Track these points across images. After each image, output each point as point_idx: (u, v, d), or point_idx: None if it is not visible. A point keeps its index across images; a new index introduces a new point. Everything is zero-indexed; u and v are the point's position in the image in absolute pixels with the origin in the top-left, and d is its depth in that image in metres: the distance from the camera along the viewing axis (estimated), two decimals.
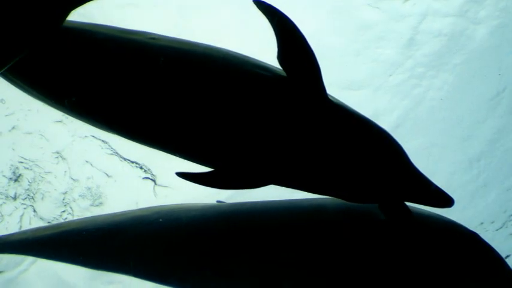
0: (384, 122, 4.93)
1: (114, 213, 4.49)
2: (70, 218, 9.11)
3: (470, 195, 10.63)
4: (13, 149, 8.82)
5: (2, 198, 8.93)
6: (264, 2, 3.24)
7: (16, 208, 9.02)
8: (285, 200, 4.16)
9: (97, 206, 9.24)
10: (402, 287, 3.71)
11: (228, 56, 3.48)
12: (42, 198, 9.07)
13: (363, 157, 3.39)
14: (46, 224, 8.62)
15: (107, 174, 9.24)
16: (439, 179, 3.84)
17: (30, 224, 9.00)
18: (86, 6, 3.32)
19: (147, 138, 3.51)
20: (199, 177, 3.41)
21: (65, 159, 9.05)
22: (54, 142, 8.94)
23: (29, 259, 8.97)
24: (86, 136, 8.88)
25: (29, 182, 8.99)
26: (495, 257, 3.81)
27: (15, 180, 8.94)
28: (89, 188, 9.22)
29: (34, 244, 4.45)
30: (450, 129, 10.49)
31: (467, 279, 3.76)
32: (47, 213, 9.10)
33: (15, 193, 8.97)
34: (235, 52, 3.54)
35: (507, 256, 10.30)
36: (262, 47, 4.23)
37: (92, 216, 4.74)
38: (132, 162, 9.16)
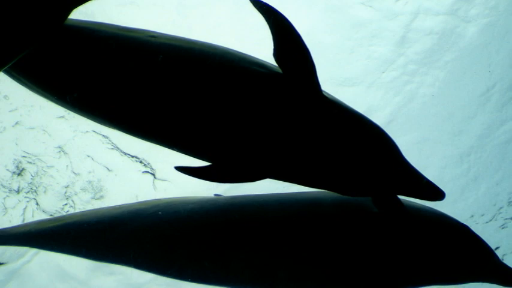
0: (377, 118, 5.00)
1: (115, 206, 4.52)
2: (72, 210, 9.15)
3: (461, 189, 10.67)
4: (16, 144, 8.83)
5: (5, 192, 8.94)
6: (261, 1, 3.28)
7: (19, 201, 9.05)
8: (281, 193, 4.22)
9: (98, 199, 9.25)
10: (395, 278, 3.80)
11: (225, 53, 3.51)
12: (45, 192, 9.08)
13: (357, 152, 3.45)
14: (48, 217, 8.56)
15: (108, 168, 9.24)
16: (430, 173, 3.90)
17: (33, 216, 9.04)
18: (87, 5, 3.37)
19: (147, 133, 3.55)
20: (197, 171, 3.46)
21: (66, 153, 9.05)
22: (56, 137, 8.96)
23: (31, 251, 8.99)
24: (87, 131, 8.90)
25: (31, 175, 9.01)
26: (485, 249, 3.91)
27: (19, 174, 8.95)
28: (90, 182, 9.23)
29: (37, 236, 4.48)
30: (441, 124, 10.53)
31: (458, 271, 3.86)
32: (49, 206, 9.11)
33: (19, 186, 8.99)
34: (232, 49, 3.58)
35: (497, 248, 10.41)
36: (258, 45, 4.26)
37: (93, 209, 4.76)
38: (132, 156, 9.16)
